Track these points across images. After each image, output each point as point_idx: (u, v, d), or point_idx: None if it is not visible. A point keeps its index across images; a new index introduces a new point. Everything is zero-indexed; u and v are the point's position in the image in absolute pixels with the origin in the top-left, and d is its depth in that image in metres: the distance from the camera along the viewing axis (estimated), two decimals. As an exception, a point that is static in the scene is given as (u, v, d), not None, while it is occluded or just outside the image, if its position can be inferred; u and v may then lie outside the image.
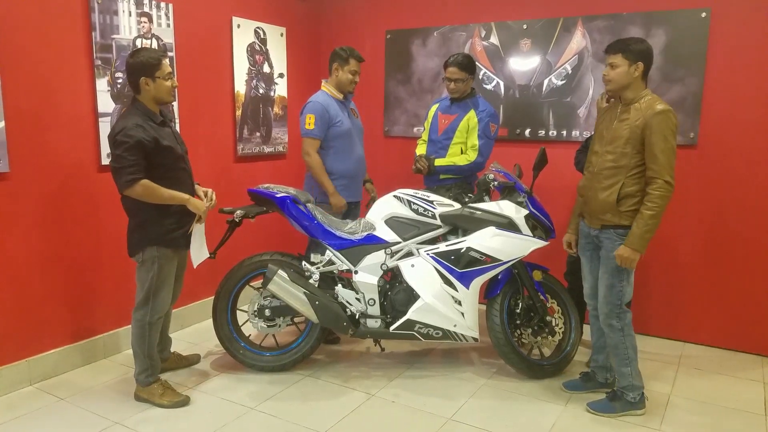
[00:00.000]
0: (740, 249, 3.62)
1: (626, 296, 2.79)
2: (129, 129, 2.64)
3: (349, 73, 3.53)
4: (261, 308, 3.25)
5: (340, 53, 3.53)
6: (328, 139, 3.52)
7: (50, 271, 3.13)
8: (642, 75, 2.69)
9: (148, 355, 2.89)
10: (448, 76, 3.56)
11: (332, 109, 3.51)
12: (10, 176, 2.91)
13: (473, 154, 3.53)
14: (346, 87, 3.58)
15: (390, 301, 3.21)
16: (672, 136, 2.62)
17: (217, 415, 2.83)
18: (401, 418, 2.84)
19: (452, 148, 3.60)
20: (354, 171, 3.63)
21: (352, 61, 3.52)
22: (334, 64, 3.54)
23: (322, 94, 3.57)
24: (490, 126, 3.55)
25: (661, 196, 2.60)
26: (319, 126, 3.45)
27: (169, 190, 2.74)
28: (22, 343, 3.04)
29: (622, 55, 2.67)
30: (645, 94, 2.71)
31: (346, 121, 3.56)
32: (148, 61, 2.73)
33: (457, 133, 3.58)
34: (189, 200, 2.82)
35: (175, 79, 2.93)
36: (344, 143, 3.56)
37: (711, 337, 3.77)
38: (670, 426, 2.78)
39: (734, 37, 3.49)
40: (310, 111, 3.47)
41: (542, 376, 3.24)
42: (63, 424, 2.72)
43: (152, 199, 2.71)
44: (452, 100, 3.67)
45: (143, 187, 2.66)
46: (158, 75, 2.75)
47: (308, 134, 3.47)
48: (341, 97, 3.59)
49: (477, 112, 3.54)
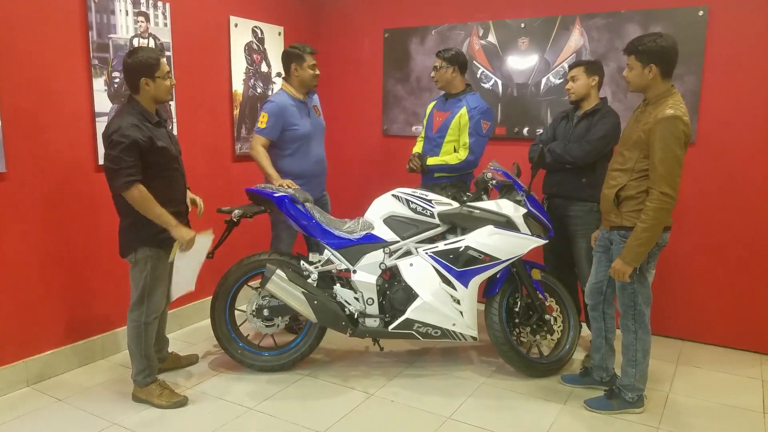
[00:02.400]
0: (738, 247, 3.62)
1: (641, 297, 2.72)
2: (125, 129, 2.61)
3: (309, 69, 3.51)
4: (259, 308, 3.24)
5: (293, 51, 3.51)
6: (283, 141, 3.53)
7: (47, 271, 3.12)
8: (660, 75, 2.56)
9: (145, 356, 2.88)
10: (433, 64, 3.63)
11: (289, 112, 3.50)
12: (6, 176, 2.90)
13: (464, 152, 3.53)
14: (310, 83, 3.56)
15: (389, 301, 3.21)
16: (676, 145, 2.49)
17: (216, 415, 2.82)
18: (400, 417, 2.84)
19: (445, 146, 3.61)
20: (311, 171, 3.63)
21: (308, 56, 3.50)
22: (292, 65, 3.52)
23: (282, 94, 3.55)
24: (482, 123, 3.52)
25: (656, 208, 2.50)
26: (270, 126, 3.45)
27: (161, 208, 2.70)
28: (19, 344, 3.03)
29: (635, 57, 2.58)
30: (665, 94, 2.58)
31: (303, 125, 3.55)
32: (148, 61, 2.71)
33: (450, 130, 3.58)
34: (175, 227, 2.74)
35: (173, 77, 2.91)
36: (300, 146, 3.56)
37: (710, 334, 3.77)
38: (668, 424, 2.78)
39: (732, 35, 3.49)
40: (266, 110, 3.49)
41: (541, 374, 3.24)
42: (61, 425, 2.71)
43: (141, 209, 2.67)
44: (446, 96, 3.67)
45: (139, 192, 2.63)
46: (158, 75, 2.74)
47: (257, 131, 3.50)
48: (302, 96, 3.57)
49: (468, 110, 3.53)
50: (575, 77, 3.23)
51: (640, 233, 2.55)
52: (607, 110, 3.20)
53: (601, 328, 2.99)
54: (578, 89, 3.23)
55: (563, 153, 3.21)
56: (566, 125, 3.34)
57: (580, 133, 3.20)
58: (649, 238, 2.55)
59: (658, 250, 2.70)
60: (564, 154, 3.21)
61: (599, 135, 3.12)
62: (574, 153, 3.18)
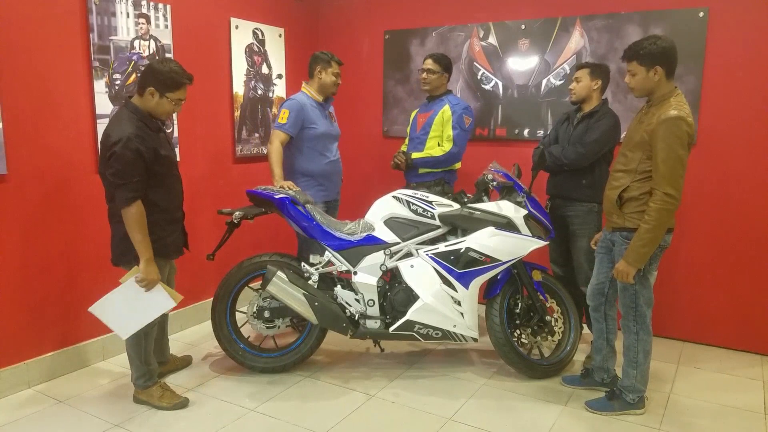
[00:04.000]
0: (739, 247, 3.62)
1: (642, 298, 2.71)
2: (129, 141, 2.54)
3: (332, 75, 3.61)
4: (260, 309, 3.24)
5: (322, 56, 3.61)
6: (301, 140, 3.56)
7: (49, 273, 3.12)
8: (665, 76, 2.56)
9: (144, 362, 2.87)
10: (422, 67, 3.73)
11: (309, 110, 3.56)
12: (7, 178, 2.91)
13: (448, 144, 3.64)
14: (330, 89, 3.64)
15: (389, 302, 3.21)
16: (679, 146, 2.48)
17: (217, 417, 2.82)
18: (401, 418, 2.84)
19: (429, 142, 3.71)
20: (328, 171, 3.67)
21: (334, 63, 3.61)
22: (317, 67, 3.61)
23: (303, 95, 3.63)
24: (464, 118, 3.65)
25: (659, 209, 2.50)
26: (291, 122, 3.50)
27: (146, 237, 2.61)
28: (20, 346, 3.04)
29: (637, 62, 2.57)
30: (669, 94, 2.57)
31: (321, 125, 3.60)
32: (172, 77, 2.62)
33: (434, 126, 3.69)
34: (147, 260, 2.63)
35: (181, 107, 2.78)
36: (317, 145, 3.61)
37: (711, 335, 3.77)
38: (669, 425, 2.78)
39: (732, 36, 3.49)
40: (286, 107, 3.55)
41: (542, 375, 3.24)
42: (62, 427, 2.71)
43: (131, 227, 2.58)
44: (428, 98, 3.81)
45: (137, 210, 2.57)
46: (169, 95, 2.66)
47: (277, 127, 3.53)
48: (321, 99, 3.64)
49: (451, 106, 3.67)
50: (579, 78, 3.24)
51: (644, 234, 2.54)
52: (604, 112, 3.20)
53: (602, 329, 2.99)
54: (579, 90, 3.24)
55: (560, 155, 3.23)
56: (567, 127, 3.35)
57: (579, 135, 3.21)
58: (652, 239, 2.55)
59: (661, 251, 2.70)
60: (560, 157, 3.22)
61: (593, 138, 3.13)
62: (569, 156, 3.19)
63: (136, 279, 2.67)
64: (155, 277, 2.69)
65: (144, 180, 2.61)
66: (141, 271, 2.65)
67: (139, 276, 2.66)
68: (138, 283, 2.67)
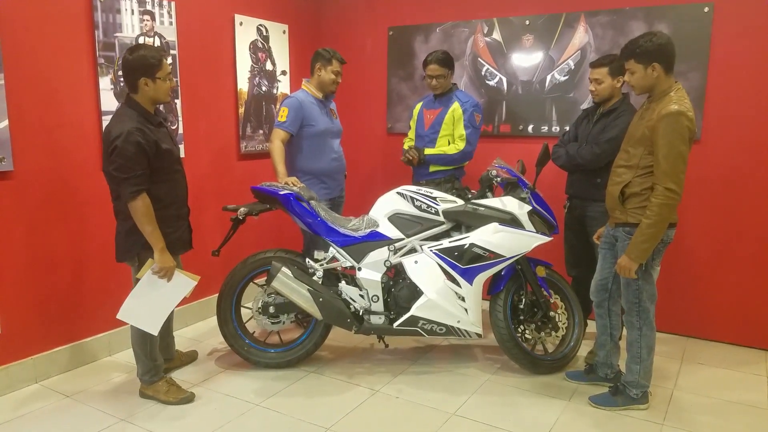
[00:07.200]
0: (743, 244, 3.61)
1: (645, 294, 2.71)
2: (130, 135, 2.54)
3: (332, 73, 3.59)
4: (265, 305, 3.26)
5: (323, 54, 3.59)
6: (301, 138, 3.56)
7: (55, 269, 3.15)
8: (663, 72, 2.56)
9: (150, 357, 2.89)
10: (429, 73, 3.70)
11: (308, 108, 3.55)
12: (14, 175, 2.92)
13: (462, 143, 3.63)
14: (328, 87, 3.62)
15: (393, 298, 3.22)
16: (680, 141, 2.48)
17: (223, 412, 2.84)
18: (405, 413, 2.85)
19: (440, 141, 3.71)
20: (329, 169, 3.66)
21: (335, 62, 3.59)
22: (317, 64, 3.59)
23: (302, 92, 3.62)
24: (475, 116, 3.66)
25: (660, 204, 2.50)
26: (290, 120, 3.49)
27: (156, 228, 2.63)
28: (27, 341, 3.06)
29: (635, 60, 2.57)
30: (669, 89, 2.57)
31: (321, 122, 3.59)
32: (149, 60, 2.62)
33: (444, 125, 3.68)
34: (161, 250, 2.65)
35: (174, 79, 2.79)
36: (318, 143, 3.59)
37: (714, 331, 3.77)
38: (673, 421, 2.78)
39: (737, 31, 3.48)
40: (285, 105, 3.54)
41: (546, 371, 3.24)
42: (69, 422, 2.74)
43: (139, 220, 2.59)
44: (435, 96, 3.78)
45: (143, 203, 2.58)
46: (159, 75, 2.65)
47: (277, 125, 3.53)
48: (321, 96, 3.62)
49: (461, 104, 3.66)
50: (600, 80, 3.12)
51: (645, 229, 2.55)
52: (623, 109, 3.13)
53: (606, 325, 2.99)
54: (602, 92, 3.14)
55: (575, 154, 3.20)
56: (587, 125, 3.29)
57: (597, 133, 3.16)
58: (654, 234, 2.55)
59: (664, 246, 2.70)
60: (575, 156, 3.19)
61: (608, 137, 3.07)
62: (584, 155, 3.16)
63: (153, 270, 2.70)
64: (171, 264, 2.72)
65: (146, 174, 2.61)
66: (156, 262, 2.68)
67: (155, 267, 2.69)
68: (156, 273, 2.70)
